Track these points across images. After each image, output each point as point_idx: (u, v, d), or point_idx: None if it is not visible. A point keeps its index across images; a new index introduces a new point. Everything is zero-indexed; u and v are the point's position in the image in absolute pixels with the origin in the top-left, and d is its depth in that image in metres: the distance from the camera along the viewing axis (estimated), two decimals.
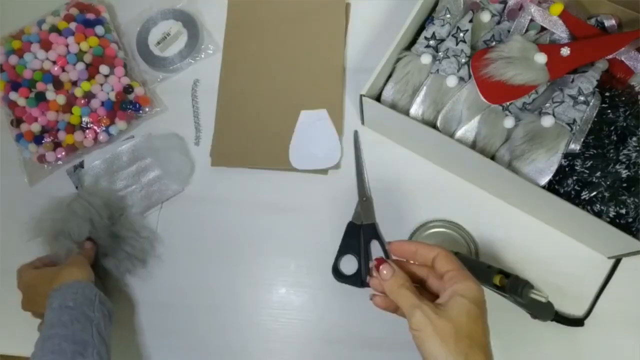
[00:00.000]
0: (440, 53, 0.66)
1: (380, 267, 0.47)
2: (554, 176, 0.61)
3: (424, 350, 0.43)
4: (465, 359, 0.41)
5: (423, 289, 0.49)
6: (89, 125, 0.75)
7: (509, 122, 0.64)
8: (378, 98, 0.68)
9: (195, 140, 0.76)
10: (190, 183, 0.74)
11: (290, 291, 0.69)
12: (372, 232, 0.68)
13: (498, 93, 0.64)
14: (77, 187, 0.74)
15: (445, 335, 0.42)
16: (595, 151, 0.61)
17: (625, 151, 0.60)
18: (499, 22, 0.69)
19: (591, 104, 0.62)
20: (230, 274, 0.70)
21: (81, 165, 0.74)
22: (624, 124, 0.62)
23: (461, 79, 0.65)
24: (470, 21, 0.66)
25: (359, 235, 0.68)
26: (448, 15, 0.67)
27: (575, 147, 0.62)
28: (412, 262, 0.50)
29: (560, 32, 0.67)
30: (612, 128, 0.62)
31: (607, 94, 0.63)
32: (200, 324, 0.68)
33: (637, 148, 0.60)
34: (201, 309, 0.69)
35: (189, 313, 0.69)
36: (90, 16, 0.79)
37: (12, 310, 0.71)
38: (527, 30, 0.68)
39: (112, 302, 0.63)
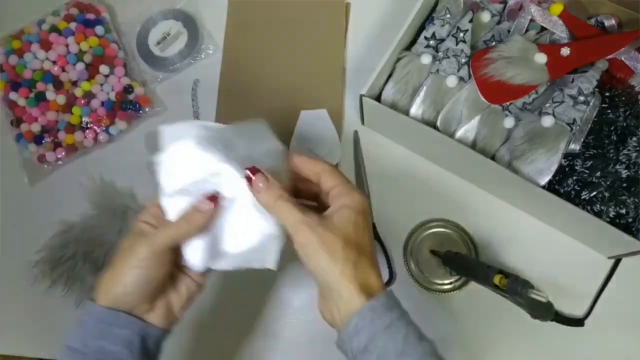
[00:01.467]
0: (440, 53, 0.66)
1: (253, 177, 0.42)
2: (554, 176, 0.61)
3: (312, 265, 0.41)
4: (354, 265, 0.40)
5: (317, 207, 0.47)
6: (89, 125, 0.75)
7: (509, 122, 0.64)
8: (378, 98, 0.68)
9: None
10: None
11: (289, 291, 0.69)
12: (372, 232, 0.68)
13: (498, 93, 0.64)
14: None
15: (333, 246, 0.40)
16: (595, 151, 0.61)
17: (625, 151, 0.60)
18: (499, 22, 0.69)
19: (591, 104, 0.62)
20: (229, 274, 0.70)
21: None
22: (624, 124, 0.62)
23: (461, 79, 0.65)
24: (470, 21, 0.66)
25: None
26: (448, 15, 0.67)
27: (575, 147, 0.62)
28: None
29: (560, 32, 0.67)
30: (612, 128, 0.62)
31: (607, 94, 0.63)
32: (199, 325, 0.68)
33: (637, 148, 0.60)
34: (200, 309, 0.69)
35: (189, 313, 0.69)
36: (90, 16, 0.79)
37: (12, 310, 0.71)
38: (527, 30, 0.68)
39: None
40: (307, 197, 0.48)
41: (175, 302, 0.47)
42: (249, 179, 0.43)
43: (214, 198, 0.44)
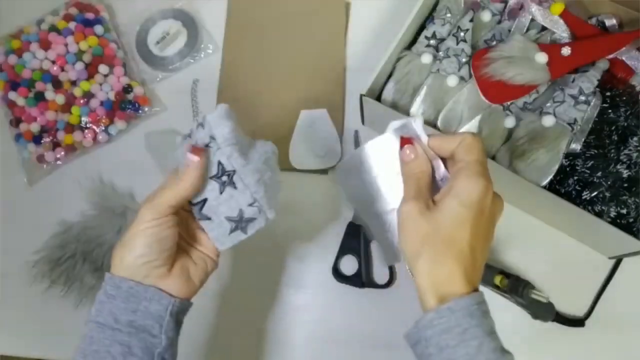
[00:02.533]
0: (440, 52, 0.66)
1: (405, 146, 0.43)
2: (554, 176, 0.61)
3: (401, 242, 0.41)
4: (432, 263, 0.39)
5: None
6: (88, 125, 0.75)
7: (509, 122, 0.64)
8: (378, 98, 0.67)
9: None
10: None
11: (290, 291, 0.68)
12: None
13: (499, 93, 0.64)
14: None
15: (421, 236, 0.39)
16: (596, 151, 0.61)
17: (626, 151, 0.60)
18: (499, 22, 0.69)
19: (592, 103, 0.62)
20: (229, 274, 0.70)
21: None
22: (625, 124, 0.61)
23: (462, 78, 0.65)
24: (471, 20, 0.66)
25: (359, 235, 0.68)
26: (448, 15, 0.67)
27: (576, 147, 0.62)
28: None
29: (561, 31, 0.67)
30: (613, 128, 0.61)
31: (608, 93, 0.63)
32: (199, 325, 0.68)
33: (638, 148, 0.60)
34: (200, 309, 0.69)
35: (188, 314, 0.69)
36: (90, 16, 0.78)
37: (12, 310, 0.71)
38: (527, 30, 0.67)
39: None
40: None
41: (192, 270, 0.47)
42: (401, 145, 0.43)
43: (198, 151, 0.43)
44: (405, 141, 0.43)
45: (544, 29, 0.68)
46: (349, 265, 0.68)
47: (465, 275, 0.39)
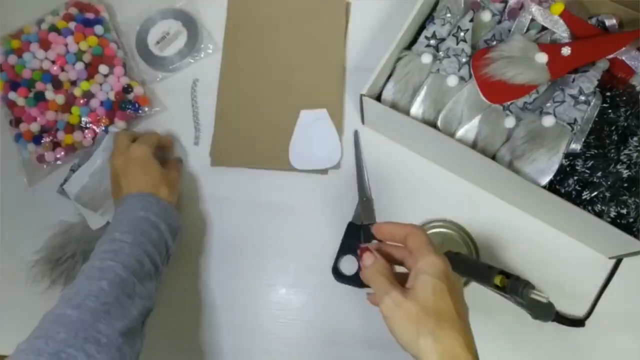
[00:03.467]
0: (440, 52, 0.66)
1: (363, 255, 0.48)
2: (554, 176, 0.61)
3: (395, 335, 0.43)
4: (433, 337, 0.41)
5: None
6: (88, 125, 0.75)
7: (509, 122, 0.64)
8: (378, 98, 0.67)
9: (195, 140, 0.76)
10: (189, 182, 0.74)
11: (290, 292, 0.69)
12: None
13: (499, 93, 0.63)
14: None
15: (412, 317, 0.42)
16: (596, 151, 0.61)
17: (626, 151, 0.60)
18: (499, 22, 0.69)
19: (592, 103, 0.62)
20: (229, 275, 0.70)
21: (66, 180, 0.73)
22: (625, 124, 0.61)
23: (462, 78, 0.65)
24: (471, 20, 0.66)
25: (359, 235, 0.68)
26: (448, 15, 0.67)
27: (576, 147, 0.62)
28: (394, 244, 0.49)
29: (561, 31, 0.67)
30: (613, 128, 0.61)
31: (608, 93, 0.63)
32: (199, 325, 0.68)
33: (638, 148, 0.60)
34: (200, 309, 0.69)
35: (189, 313, 0.69)
36: (90, 16, 0.78)
37: (12, 310, 0.71)
38: (527, 30, 0.67)
39: None
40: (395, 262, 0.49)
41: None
42: (360, 255, 0.48)
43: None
44: (362, 251, 0.48)
45: (544, 29, 0.68)
46: (349, 265, 0.68)
47: (465, 341, 0.41)
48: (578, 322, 0.62)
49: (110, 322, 0.49)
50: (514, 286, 0.55)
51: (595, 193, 0.60)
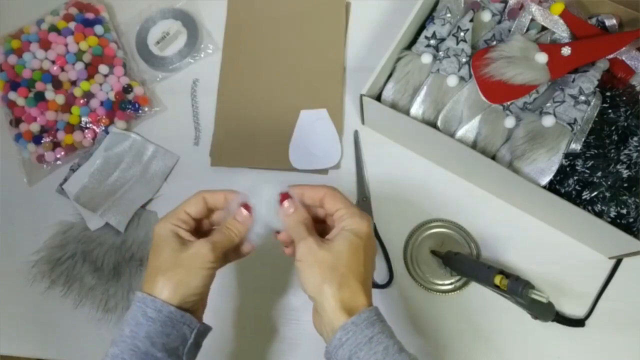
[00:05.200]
0: (440, 52, 0.66)
1: (285, 201, 0.49)
2: (554, 176, 0.61)
3: (302, 279, 0.45)
4: (338, 286, 0.44)
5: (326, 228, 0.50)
6: (88, 125, 0.75)
7: (509, 122, 0.64)
8: (378, 98, 0.67)
9: (195, 140, 0.76)
10: (189, 182, 0.74)
11: (289, 292, 0.68)
12: None
13: (499, 93, 0.63)
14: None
15: (323, 265, 0.44)
16: (596, 151, 0.61)
17: (626, 151, 0.60)
18: (499, 22, 0.69)
19: (592, 103, 0.62)
20: (229, 275, 0.70)
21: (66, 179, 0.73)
22: (625, 124, 0.61)
23: (462, 78, 0.65)
24: (471, 20, 0.66)
25: None
26: (448, 15, 0.67)
27: (576, 147, 0.62)
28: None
29: (561, 31, 0.67)
30: (613, 128, 0.61)
31: (608, 93, 0.63)
32: None
33: (638, 148, 0.60)
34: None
35: None
36: (90, 16, 0.78)
37: (11, 310, 0.71)
38: (527, 30, 0.67)
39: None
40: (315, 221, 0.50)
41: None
42: (281, 201, 0.49)
43: (247, 207, 0.50)
44: (283, 197, 0.49)
45: (544, 29, 0.68)
46: None
47: (364, 290, 0.45)
48: (578, 322, 0.62)
49: None
50: (513, 286, 0.55)
51: (595, 193, 0.60)
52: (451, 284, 0.65)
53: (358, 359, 0.42)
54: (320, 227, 0.50)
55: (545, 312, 0.60)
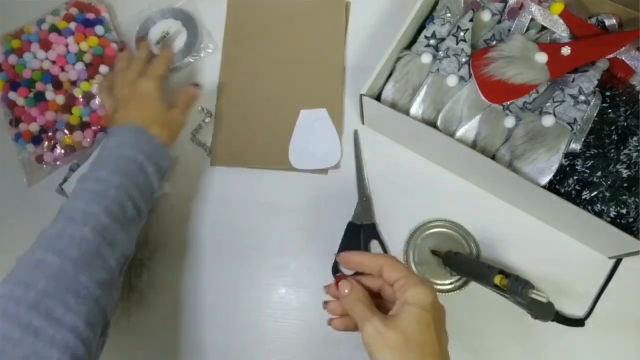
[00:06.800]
0: (440, 52, 0.66)
1: (340, 283, 0.47)
2: (554, 176, 0.61)
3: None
4: None
5: (382, 301, 0.48)
6: (88, 126, 0.75)
7: (509, 122, 0.64)
8: (378, 98, 0.67)
9: (195, 140, 0.76)
10: (189, 182, 0.74)
11: (290, 292, 0.68)
12: (372, 232, 0.68)
13: (499, 93, 0.63)
14: None
15: (395, 348, 0.41)
16: (596, 151, 0.61)
17: (626, 151, 0.60)
18: (499, 22, 0.69)
19: (592, 103, 0.62)
20: (229, 275, 0.70)
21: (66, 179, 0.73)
22: (625, 124, 0.61)
23: (462, 78, 0.65)
24: (471, 20, 0.66)
25: (359, 235, 0.68)
26: (449, 15, 0.67)
27: (576, 147, 0.62)
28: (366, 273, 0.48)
29: (561, 31, 0.67)
30: (613, 128, 0.61)
31: (608, 93, 0.63)
32: (199, 325, 0.68)
33: (638, 148, 0.60)
34: (200, 309, 0.69)
35: (188, 314, 0.69)
36: (90, 16, 0.78)
37: None
38: (527, 30, 0.67)
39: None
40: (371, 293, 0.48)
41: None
42: (336, 284, 0.47)
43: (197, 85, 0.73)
44: (338, 279, 0.48)
45: (544, 29, 0.68)
46: None
47: None
48: (578, 322, 0.62)
49: (90, 273, 0.49)
50: (513, 286, 0.55)
51: (595, 193, 0.60)
52: (451, 284, 0.65)
53: None
54: (375, 302, 0.47)
55: (545, 312, 0.60)
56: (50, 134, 0.75)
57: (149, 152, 0.59)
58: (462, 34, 0.65)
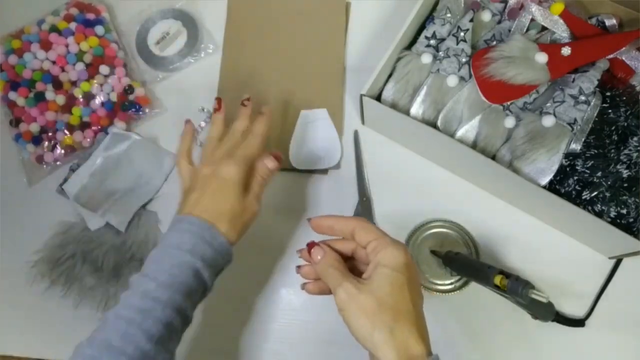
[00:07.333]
0: (440, 52, 0.66)
1: (312, 250, 0.46)
2: (554, 176, 0.61)
3: (352, 331, 0.42)
4: (390, 332, 0.40)
5: (356, 263, 0.48)
6: (88, 126, 0.75)
7: (509, 122, 0.64)
8: (378, 98, 0.67)
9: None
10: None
11: (290, 291, 0.68)
12: None
13: (499, 93, 0.63)
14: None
15: (368, 310, 0.41)
16: (596, 151, 0.61)
17: (626, 151, 0.60)
18: (499, 22, 0.69)
19: (592, 103, 0.62)
20: (229, 275, 0.70)
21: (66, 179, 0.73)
22: (625, 124, 0.61)
23: (462, 78, 0.65)
24: (471, 20, 0.66)
25: None
26: (449, 15, 0.67)
27: (576, 147, 0.62)
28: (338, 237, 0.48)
29: (561, 31, 0.67)
30: (613, 128, 0.61)
31: (608, 93, 0.63)
32: (199, 325, 0.68)
33: (638, 148, 0.60)
34: (200, 309, 0.69)
35: None
36: (90, 16, 0.78)
37: (12, 310, 0.71)
38: (527, 30, 0.67)
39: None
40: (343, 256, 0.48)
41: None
42: (308, 250, 0.47)
43: (278, 156, 0.58)
44: (310, 246, 0.47)
45: (544, 29, 0.68)
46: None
47: (419, 334, 0.41)
48: (578, 322, 0.62)
49: None
50: (513, 286, 0.55)
51: (595, 193, 0.60)
52: (451, 284, 0.65)
53: None
54: (349, 264, 0.47)
55: (545, 312, 0.60)
56: (50, 134, 0.75)
57: (208, 256, 0.51)
58: (462, 34, 0.65)
